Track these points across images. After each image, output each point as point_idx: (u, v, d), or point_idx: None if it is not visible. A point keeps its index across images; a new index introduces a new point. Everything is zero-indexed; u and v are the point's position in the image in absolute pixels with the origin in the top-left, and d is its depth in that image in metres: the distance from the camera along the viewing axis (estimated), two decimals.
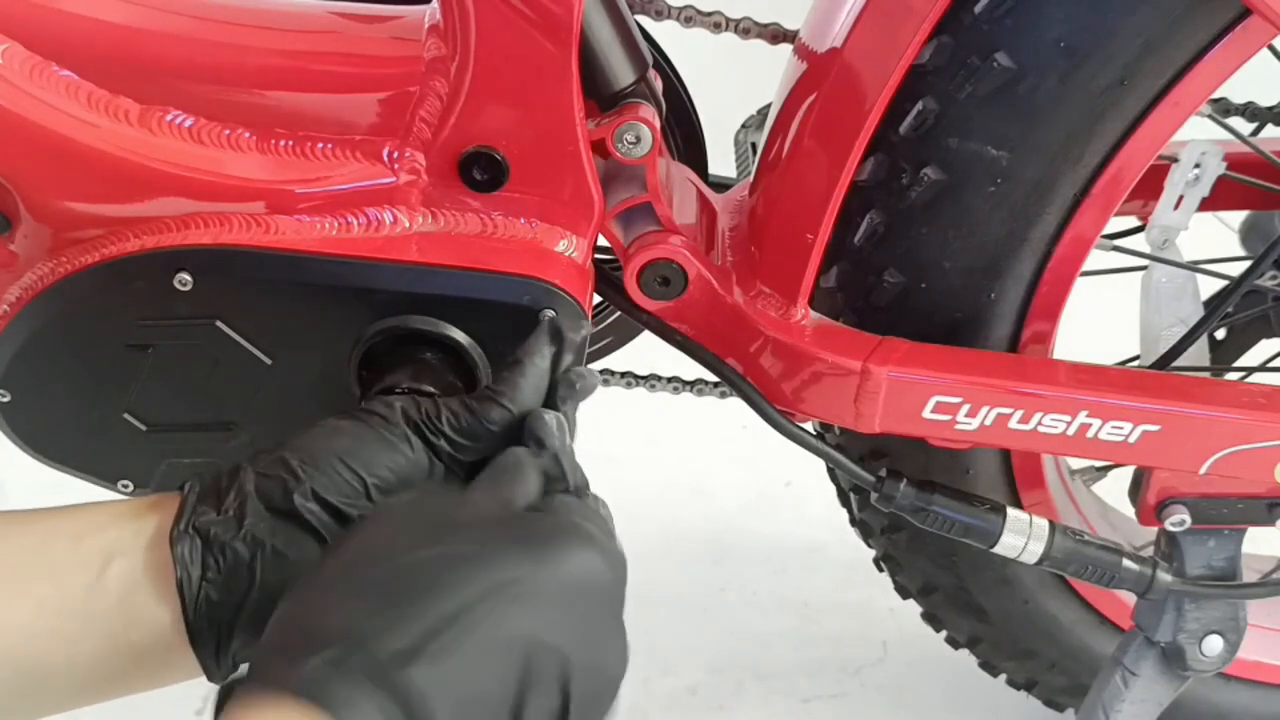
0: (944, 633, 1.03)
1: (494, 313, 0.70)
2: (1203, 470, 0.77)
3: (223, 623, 0.53)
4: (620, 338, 1.03)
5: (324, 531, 0.54)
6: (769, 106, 0.83)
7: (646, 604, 1.27)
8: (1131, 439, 0.76)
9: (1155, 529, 0.84)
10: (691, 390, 0.99)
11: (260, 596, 0.53)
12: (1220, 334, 1.06)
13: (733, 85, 1.15)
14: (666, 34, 0.84)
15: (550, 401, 0.60)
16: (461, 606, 0.45)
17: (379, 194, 0.70)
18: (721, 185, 0.88)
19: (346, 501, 0.54)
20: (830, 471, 1.01)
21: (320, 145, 0.70)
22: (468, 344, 0.70)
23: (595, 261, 0.76)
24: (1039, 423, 0.75)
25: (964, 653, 1.04)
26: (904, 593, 1.01)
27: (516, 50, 0.68)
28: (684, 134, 0.92)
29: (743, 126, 0.96)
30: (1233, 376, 1.03)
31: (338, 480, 0.54)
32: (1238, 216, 1.12)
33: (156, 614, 0.53)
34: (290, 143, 0.70)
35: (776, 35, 0.85)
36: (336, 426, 0.57)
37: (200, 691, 1.15)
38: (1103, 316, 1.16)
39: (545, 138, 0.70)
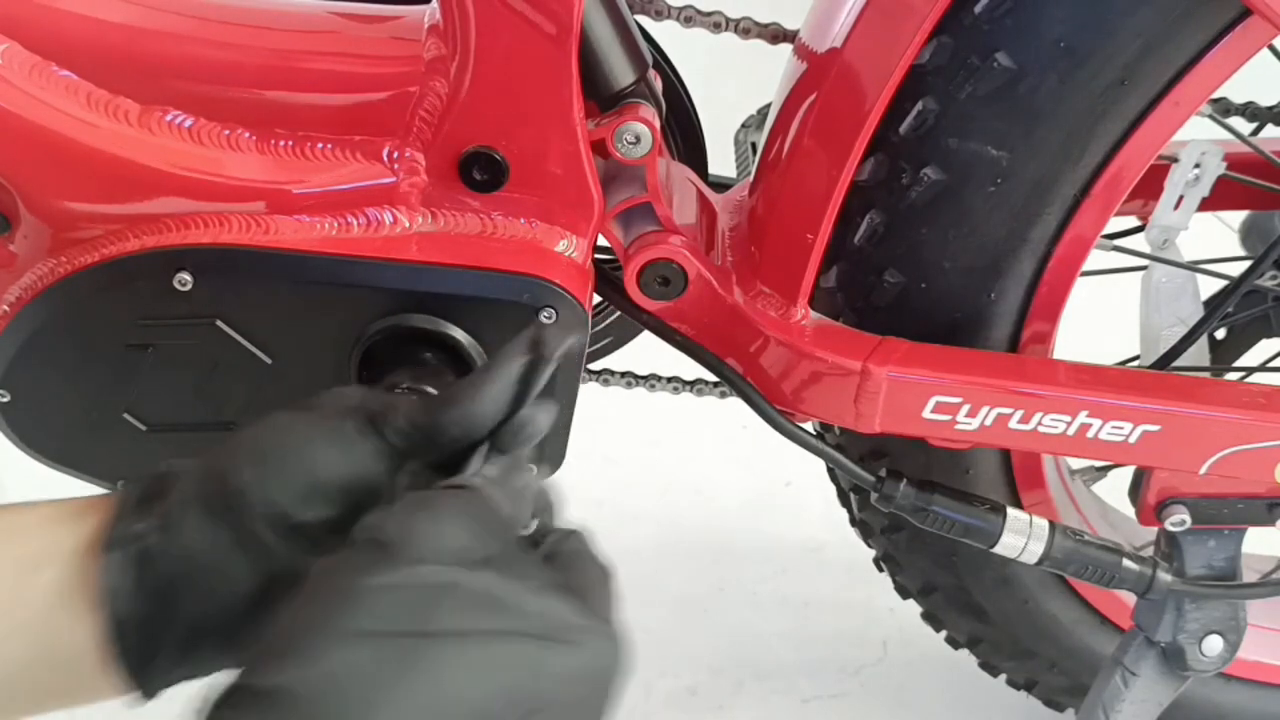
0: (944, 633, 1.03)
1: (494, 311, 0.70)
2: (1203, 470, 0.77)
3: (151, 639, 0.49)
4: (620, 338, 1.03)
5: (266, 540, 0.49)
6: (769, 106, 0.83)
7: (646, 604, 1.28)
8: (1131, 439, 0.76)
9: (1155, 529, 0.84)
10: (691, 390, 0.99)
11: (194, 612, 0.49)
12: (1220, 334, 1.06)
13: (733, 85, 1.15)
14: (666, 34, 0.84)
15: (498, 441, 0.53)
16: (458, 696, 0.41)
17: (379, 194, 0.70)
18: (721, 185, 0.88)
19: (292, 506, 0.49)
20: (830, 471, 1.01)
21: (320, 145, 0.70)
22: (467, 343, 0.70)
23: (595, 261, 0.76)
24: (1039, 423, 0.75)
25: (964, 653, 1.04)
26: (904, 593, 1.01)
27: (516, 50, 0.68)
28: (684, 134, 0.92)
29: (743, 126, 0.96)
30: (1233, 376, 1.03)
31: (283, 483, 0.49)
32: (1238, 216, 1.12)
33: (81, 627, 0.48)
34: (290, 143, 0.70)
35: (776, 35, 0.85)
36: (283, 423, 0.52)
37: (201, 691, 1.15)
38: (1103, 316, 1.16)
39: (545, 138, 0.70)
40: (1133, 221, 0.98)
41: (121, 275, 0.67)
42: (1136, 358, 0.95)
